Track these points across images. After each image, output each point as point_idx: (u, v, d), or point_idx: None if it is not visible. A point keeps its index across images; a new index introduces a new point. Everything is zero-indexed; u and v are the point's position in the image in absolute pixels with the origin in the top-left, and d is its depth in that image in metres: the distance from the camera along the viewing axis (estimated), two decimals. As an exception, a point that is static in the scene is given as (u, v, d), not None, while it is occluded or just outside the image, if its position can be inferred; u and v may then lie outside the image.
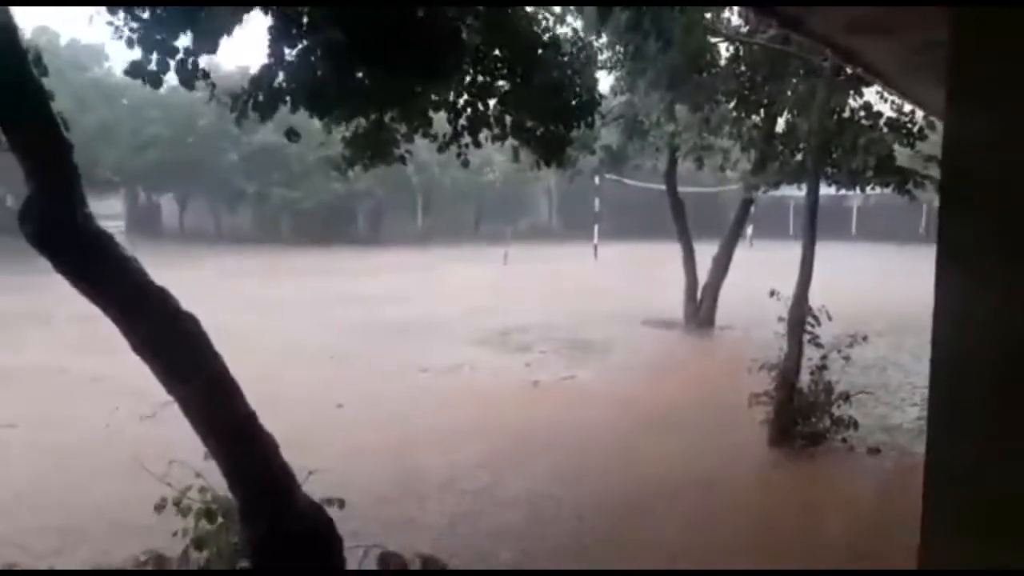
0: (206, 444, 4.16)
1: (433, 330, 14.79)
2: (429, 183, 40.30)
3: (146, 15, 4.68)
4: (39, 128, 3.84)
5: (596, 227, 33.81)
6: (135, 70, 4.80)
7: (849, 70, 9.17)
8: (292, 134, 5.91)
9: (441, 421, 8.77)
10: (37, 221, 3.81)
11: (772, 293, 7.99)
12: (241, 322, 14.75)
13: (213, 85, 5.05)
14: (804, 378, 8.12)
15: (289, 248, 34.42)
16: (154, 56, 4.69)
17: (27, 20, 31.70)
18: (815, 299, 8.10)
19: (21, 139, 3.80)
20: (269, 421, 4.42)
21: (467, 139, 7.42)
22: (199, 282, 21.46)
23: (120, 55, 4.91)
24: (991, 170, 2.12)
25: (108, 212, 38.74)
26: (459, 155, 7.56)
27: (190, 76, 4.60)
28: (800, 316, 8.01)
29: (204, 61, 4.99)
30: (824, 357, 8.10)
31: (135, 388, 7.23)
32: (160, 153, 35.73)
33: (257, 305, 17.67)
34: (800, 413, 7.99)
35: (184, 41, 4.67)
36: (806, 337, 8.06)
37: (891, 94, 10.44)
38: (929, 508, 2.27)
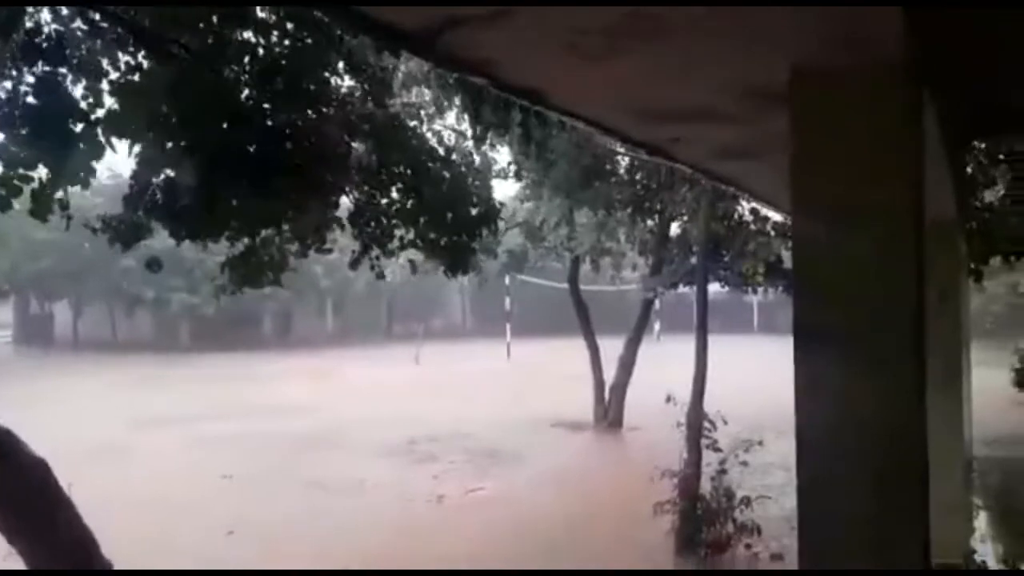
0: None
1: (338, 442, 14.26)
2: (340, 283, 39.82)
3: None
4: None
5: (508, 326, 33.92)
6: None
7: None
8: (154, 264, 5.69)
9: (335, 548, 8.28)
10: None
11: (668, 399, 8.05)
12: (131, 437, 13.98)
13: (69, 217, 4.83)
14: (706, 484, 8.11)
15: (190, 355, 33.11)
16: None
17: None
18: (714, 398, 8.20)
19: None
20: (153, 550, 4.04)
21: (376, 251, 7.41)
22: (90, 394, 20.33)
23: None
24: (831, 255, 2.31)
25: (-5, 322, 36.70)
26: (372, 267, 7.55)
27: (45, 208, 4.38)
28: (697, 421, 8.08)
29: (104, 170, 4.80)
30: (723, 462, 8.13)
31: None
32: (53, 259, 34.24)
33: (150, 418, 16.71)
34: (704, 521, 7.94)
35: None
36: (704, 442, 8.11)
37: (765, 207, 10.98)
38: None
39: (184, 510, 9.53)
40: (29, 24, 4.69)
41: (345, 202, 7.30)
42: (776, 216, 12.13)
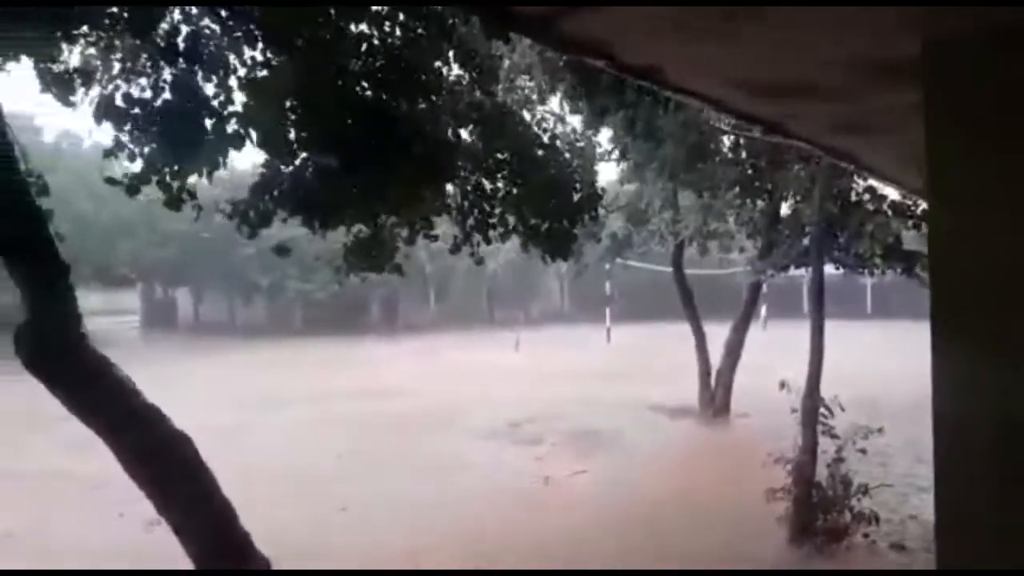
0: (197, 568, 4.05)
1: (442, 423, 14.60)
2: (442, 270, 40.62)
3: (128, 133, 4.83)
4: (35, 255, 3.91)
5: (608, 310, 33.72)
6: (110, 180, 4.94)
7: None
8: (283, 250, 5.98)
9: (447, 527, 8.51)
10: (29, 347, 3.83)
11: (782, 385, 7.84)
12: (248, 417, 14.67)
13: (199, 207, 5.15)
14: (821, 471, 7.88)
15: (303, 339, 34.50)
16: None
17: (51, 124, 32.91)
18: (828, 385, 7.94)
19: (19, 269, 3.86)
20: (272, 525, 4.30)
21: (477, 237, 7.54)
22: (210, 375, 21.54)
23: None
24: (971, 247, 2.20)
25: (124, 307, 39.30)
26: (472, 254, 7.68)
27: (176, 199, 4.69)
28: (812, 408, 7.84)
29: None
30: (840, 449, 7.88)
31: (139, 493, 7.13)
32: (177, 248, 36.37)
33: (266, 399, 17.57)
34: (819, 509, 7.73)
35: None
36: (820, 428, 7.87)
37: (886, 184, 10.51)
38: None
39: (300, 486, 9.99)
40: (165, 25, 5.01)
41: (448, 188, 7.46)
42: (894, 194, 11.59)
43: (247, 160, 34.12)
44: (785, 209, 13.31)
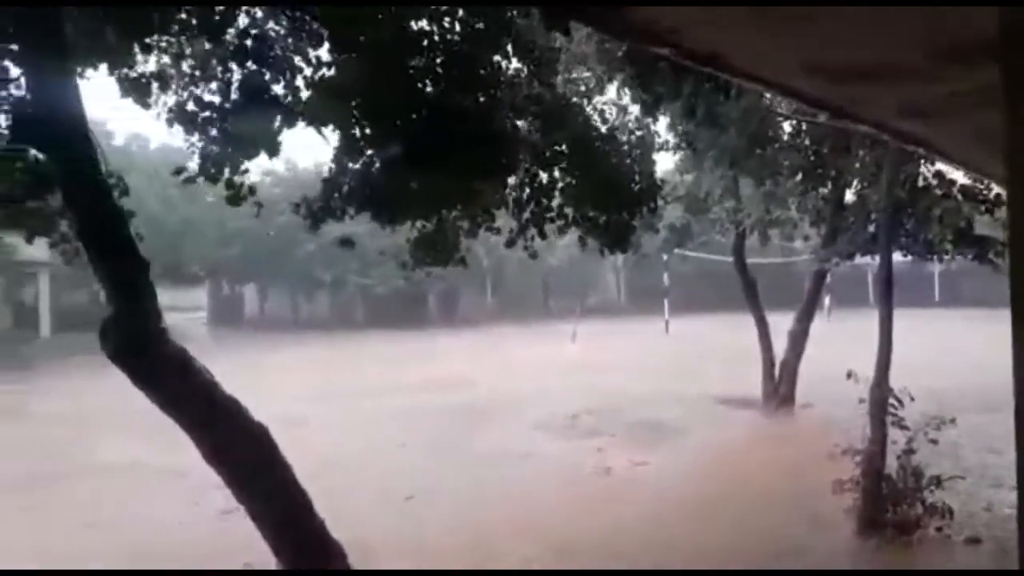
0: (276, 556, 4.20)
1: (502, 415, 14.71)
2: (498, 263, 40.85)
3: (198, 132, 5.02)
4: (119, 253, 4.10)
5: (666, 302, 33.42)
6: (178, 170, 5.15)
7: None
8: (347, 243, 6.13)
9: (512, 517, 8.57)
10: (115, 341, 4.02)
11: (849, 375, 7.68)
12: (314, 409, 14.98)
13: (259, 204, 5.32)
14: (890, 462, 7.71)
15: (364, 333, 35.11)
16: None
17: (121, 127, 34.05)
18: (896, 373, 7.75)
19: (103, 266, 4.05)
20: (339, 515, 4.43)
21: (533, 231, 7.57)
22: (276, 369, 22.10)
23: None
24: None
25: (193, 304, 40.55)
26: (526, 248, 7.71)
27: (237, 195, 4.86)
28: (881, 398, 7.67)
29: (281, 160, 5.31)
30: (910, 440, 7.69)
31: (216, 482, 7.38)
32: (242, 246, 37.39)
33: (329, 391, 17.93)
34: (889, 501, 7.57)
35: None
36: (889, 419, 7.70)
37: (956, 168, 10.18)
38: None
39: (365, 476, 10.20)
40: (235, 28, 5.18)
41: (508, 181, 7.48)
42: (964, 178, 11.22)
43: (309, 159, 34.62)
44: (850, 195, 13.01)
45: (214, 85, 5.69)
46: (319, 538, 4.19)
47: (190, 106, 5.19)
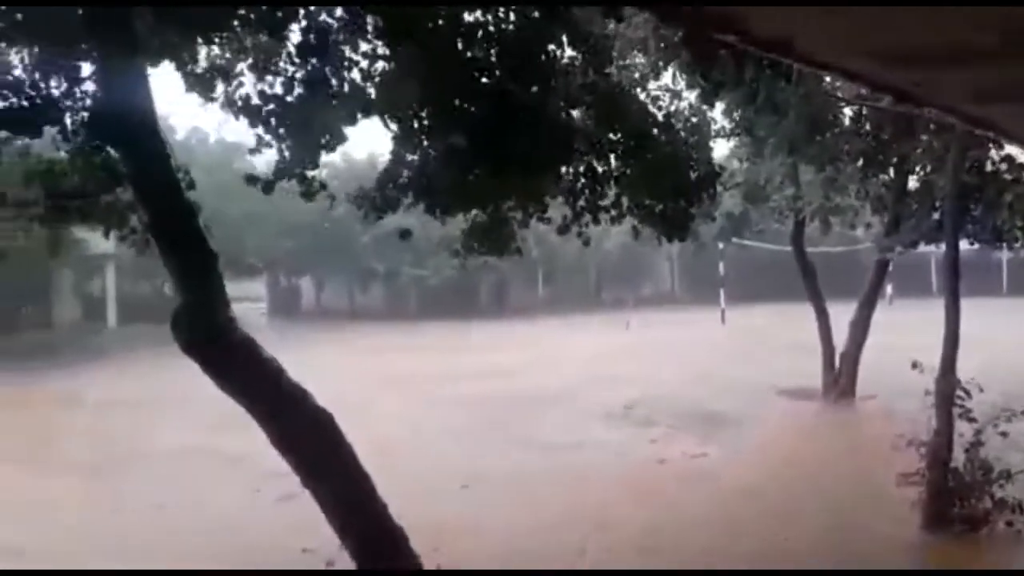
0: (341, 538, 4.30)
1: (555, 404, 14.70)
2: (549, 253, 40.79)
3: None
4: (189, 245, 4.23)
5: (722, 291, 32.93)
6: (250, 178, 5.27)
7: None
8: (406, 233, 6.20)
9: (568, 506, 8.57)
10: (186, 331, 4.16)
11: (914, 365, 7.48)
12: (370, 397, 15.19)
13: (332, 197, 5.42)
14: (957, 455, 7.51)
15: (417, 323, 35.47)
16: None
17: (181, 121, 34.93)
18: (963, 365, 7.53)
19: (174, 258, 4.19)
20: (399, 502, 4.50)
21: (587, 218, 7.53)
22: (333, 358, 22.47)
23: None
24: None
25: (252, 295, 41.52)
26: (579, 234, 7.67)
27: (311, 190, 4.96)
28: (948, 389, 7.47)
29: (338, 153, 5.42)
30: (978, 433, 7.47)
31: (275, 469, 7.56)
32: (300, 239, 38.14)
33: (385, 380, 18.16)
34: (956, 494, 7.37)
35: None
36: (956, 411, 7.49)
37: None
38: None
39: (421, 463, 10.32)
40: (298, 25, 5.29)
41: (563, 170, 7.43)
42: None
43: (363, 150, 34.97)
44: (913, 182, 12.65)
45: (275, 79, 5.79)
46: (383, 522, 4.28)
47: (255, 100, 5.32)
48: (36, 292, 30.94)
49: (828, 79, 11.05)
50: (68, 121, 4.67)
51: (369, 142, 29.17)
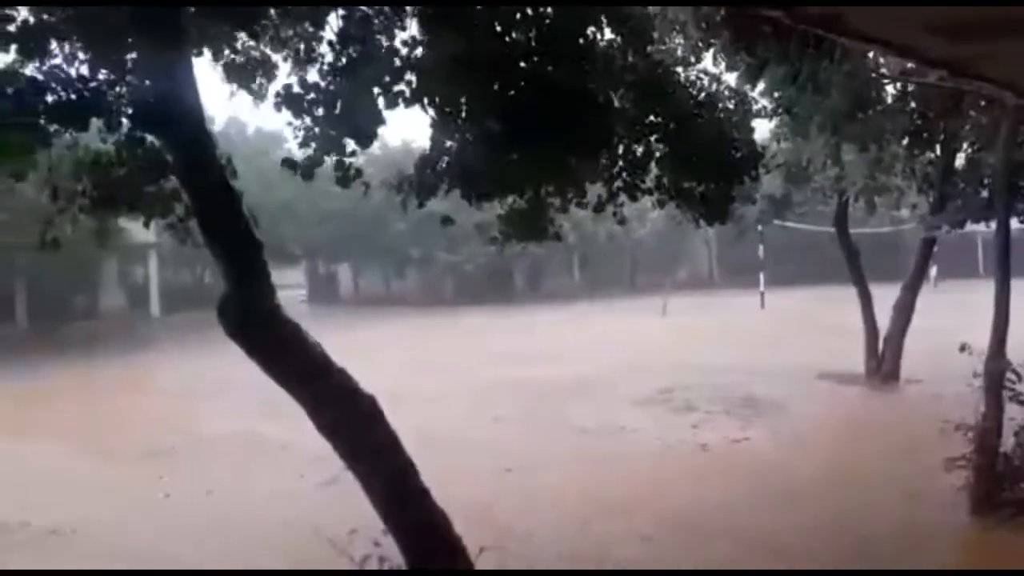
0: (384, 521, 4.36)
1: (594, 390, 14.68)
2: (585, 238, 40.65)
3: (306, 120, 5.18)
4: (235, 234, 4.29)
5: (761, 275, 32.49)
6: (288, 163, 5.33)
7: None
8: (447, 220, 6.21)
9: (613, 492, 8.53)
10: (233, 318, 4.23)
11: (963, 348, 7.31)
12: (410, 382, 15.30)
13: (367, 185, 5.44)
14: (1006, 439, 7.35)
15: (453, 309, 35.64)
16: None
17: (219, 112, 35.44)
18: (1013, 345, 7.35)
19: (221, 247, 4.25)
20: (443, 485, 4.54)
21: (622, 198, 7.46)
22: (372, 343, 22.68)
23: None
24: None
25: (292, 282, 42.09)
26: (615, 214, 7.61)
27: (347, 177, 4.99)
28: (998, 371, 7.30)
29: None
30: (1030, 416, 7.30)
31: (318, 454, 7.64)
32: (337, 227, 38.57)
33: (425, 365, 18.30)
34: (1006, 479, 7.23)
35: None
36: (1006, 394, 7.32)
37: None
38: None
39: (465, 448, 10.38)
40: (339, 13, 5.31)
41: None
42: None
43: (397, 137, 35.12)
44: (960, 160, 12.33)
45: (315, 69, 5.84)
46: (427, 507, 4.33)
47: (296, 89, 5.36)
48: (84, 282, 31.75)
49: (871, 56, 10.81)
50: (115, 112, 4.75)
51: (404, 129, 29.28)
